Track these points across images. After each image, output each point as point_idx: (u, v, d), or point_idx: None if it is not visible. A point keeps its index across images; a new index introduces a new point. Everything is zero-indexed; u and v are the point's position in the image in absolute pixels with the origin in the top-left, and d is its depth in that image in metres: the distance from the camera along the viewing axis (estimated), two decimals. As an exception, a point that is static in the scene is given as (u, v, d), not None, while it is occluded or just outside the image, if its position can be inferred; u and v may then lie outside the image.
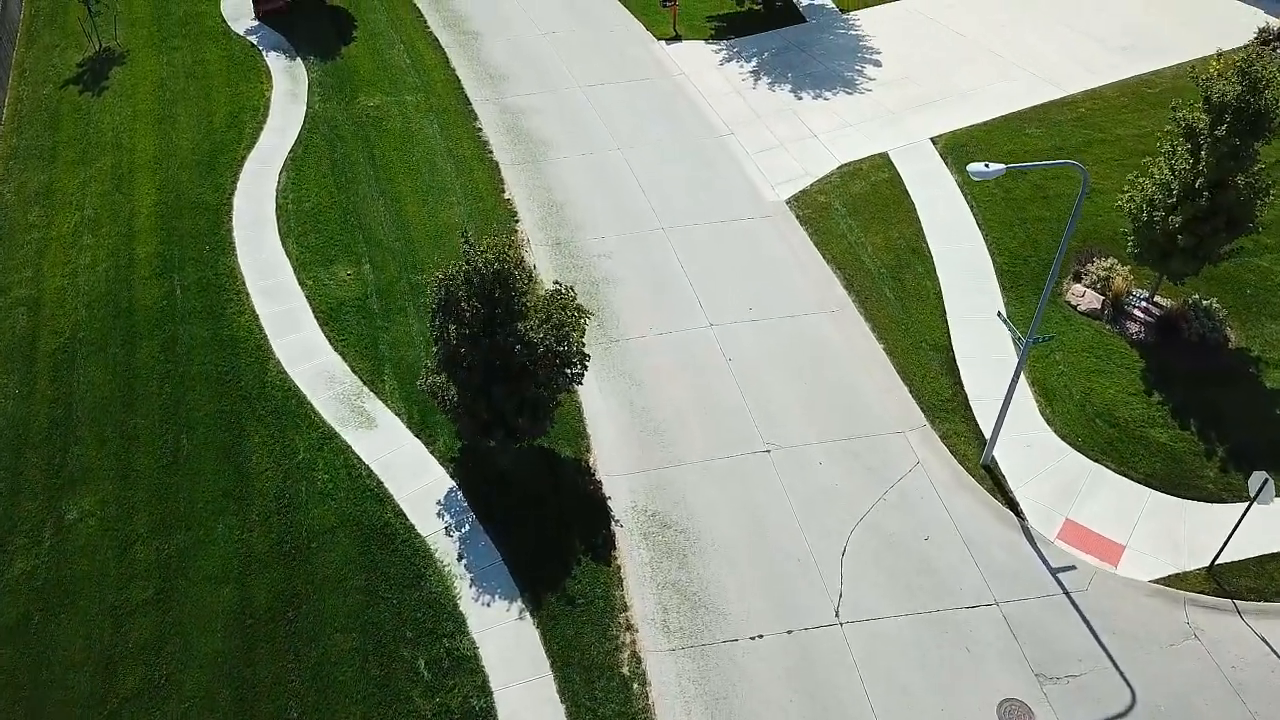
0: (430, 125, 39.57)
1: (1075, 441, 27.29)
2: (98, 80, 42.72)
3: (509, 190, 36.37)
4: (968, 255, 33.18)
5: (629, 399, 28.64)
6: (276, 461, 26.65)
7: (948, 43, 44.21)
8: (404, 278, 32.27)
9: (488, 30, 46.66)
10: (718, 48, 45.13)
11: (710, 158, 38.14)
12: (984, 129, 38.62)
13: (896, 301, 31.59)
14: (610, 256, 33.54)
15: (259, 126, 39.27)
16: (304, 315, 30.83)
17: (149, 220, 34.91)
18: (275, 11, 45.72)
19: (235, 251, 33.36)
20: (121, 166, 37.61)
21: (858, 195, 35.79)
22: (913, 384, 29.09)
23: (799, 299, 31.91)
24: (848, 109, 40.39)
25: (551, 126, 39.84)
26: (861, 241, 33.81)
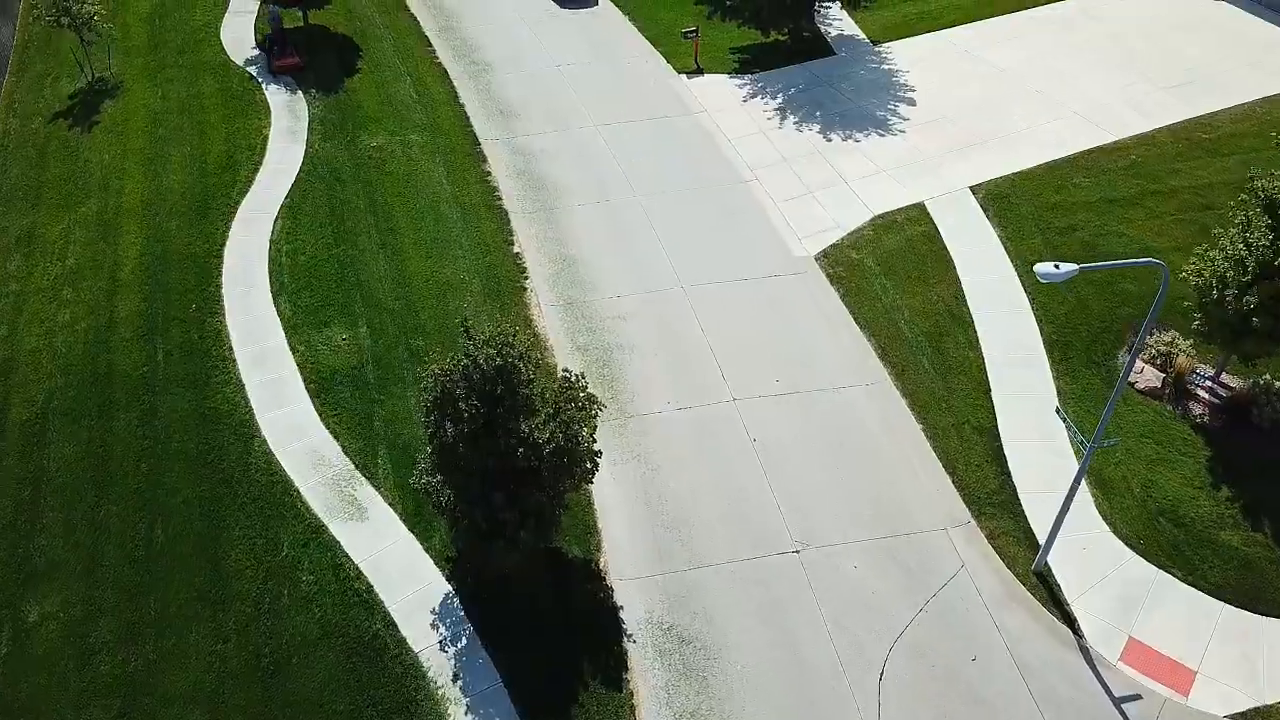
0: (436, 168, 37.17)
1: (1136, 544, 24.67)
2: (88, 114, 40.51)
3: (518, 242, 33.94)
4: (1012, 322, 30.59)
5: (644, 486, 26.16)
6: (258, 558, 24.25)
7: (986, 79, 41.61)
8: (403, 342, 29.86)
9: (499, 61, 44.28)
10: (741, 82, 42.64)
11: (734, 206, 35.65)
12: (1027, 177, 36.04)
13: (936, 375, 29.02)
14: (626, 319, 31.07)
15: (255, 168, 36.96)
16: (294, 386, 28.45)
17: (134, 273, 32.60)
18: (291, 68, 42.47)
19: (224, 311, 31.03)
20: (108, 211, 35.34)
21: (893, 251, 33.22)
22: (955, 472, 26.50)
23: (830, 370, 29.37)
24: (880, 152, 37.83)
25: (565, 170, 37.42)
26: (897, 304, 31.25)
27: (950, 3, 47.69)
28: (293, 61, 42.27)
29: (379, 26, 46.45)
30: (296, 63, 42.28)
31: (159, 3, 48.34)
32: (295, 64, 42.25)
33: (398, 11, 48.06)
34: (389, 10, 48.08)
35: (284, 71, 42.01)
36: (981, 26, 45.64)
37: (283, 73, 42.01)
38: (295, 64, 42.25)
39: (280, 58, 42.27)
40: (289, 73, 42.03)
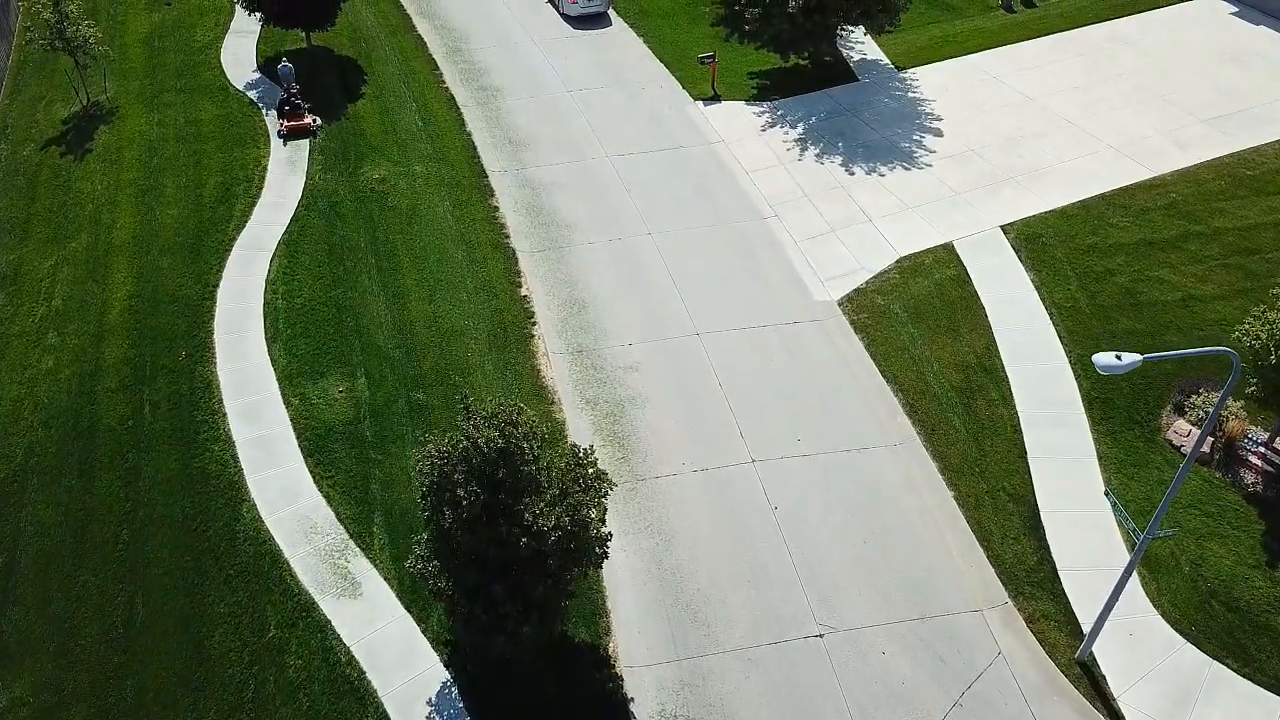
0: (441, 202, 35.52)
1: (1187, 630, 22.86)
2: (82, 141, 38.98)
3: (526, 284, 32.27)
4: (1048, 377, 28.80)
5: (657, 560, 24.45)
6: (243, 639, 22.60)
7: (1016, 108, 39.80)
8: (403, 395, 28.21)
9: (509, 86, 42.64)
10: (760, 110, 40.92)
11: (752, 245, 33.92)
12: (1061, 216, 34.23)
13: (968, 435, 27.23)
14: (638, 369, 29.37)
15: (252, 201, 35.37)
16: (287, 443, 26.82)
17: (122, 316, 31.02)
18: (301, 131, 39.03)
19: (215, 359, 29.42)
20: (98, 247, 33.77)
21: (920, 297, 31.45)
22: (990, 545, 24.74)
23: (855, 428, 27.63)
24: (906, 188, 36.06)
25: (576, 205, 35.73)
26: (926, 356, 29.47)
27: (975, 27, 45.92)
28: (304, 124, 38.89)
29: (385, 48, 44.85)
30: (307, 125, 38.90)
31: (159, 22, 46.79)
32: (305, 126, 38.88)
33: (405, 32, 46.49)
34: (395, 31, 46.50)
35: (294, 135, 38.71)
36: (1008, 52, 43.84)
37: (293, 136, 38.69)
38: (305, 126, 38.88)
39: (291, 118, 38.98)
40: (299, 136, 38.74)
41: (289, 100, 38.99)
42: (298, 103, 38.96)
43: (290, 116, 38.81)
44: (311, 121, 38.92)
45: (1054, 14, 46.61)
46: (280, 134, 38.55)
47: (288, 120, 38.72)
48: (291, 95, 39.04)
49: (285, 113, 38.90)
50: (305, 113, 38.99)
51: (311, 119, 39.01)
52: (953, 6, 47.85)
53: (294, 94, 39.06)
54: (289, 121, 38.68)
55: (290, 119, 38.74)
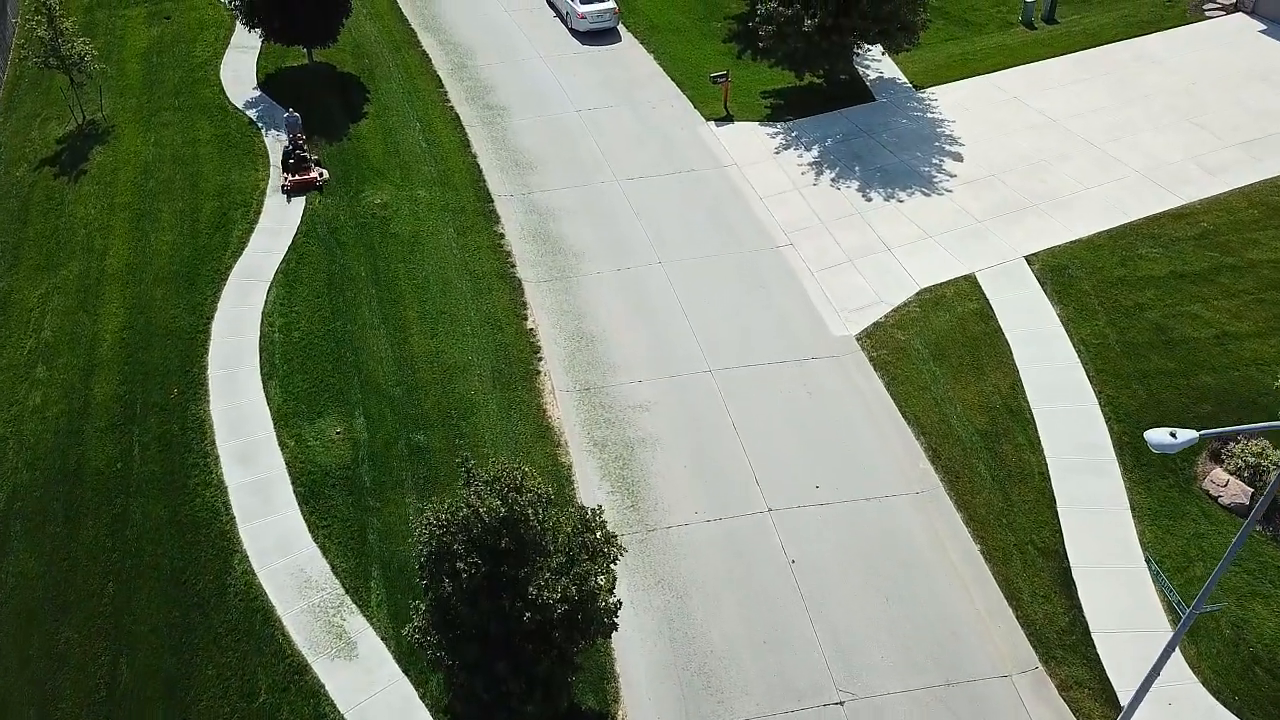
0: (445, 229, 34.34)
1: (1230, 699, 21.63)
2: (76, 162, 37.86)
3: (533, 317, 31.08)
4: (1077, 419, 27.52)
5: (669, 619, 23.26)
6: (231, 705, 21.46)
7: (1037, 130, 38.55)
8: (403, 437, 27.02)
9: (516, 104, 41.45)
10: (774, 131, 39.67)
11: (767, 275, 32.69)
12: (1087, 246, 32.95)
13: (994, 483, 25.96)
14: (649, 409, 28.15)
15: (249, 227, 34.21)
16: (281, 489, 25.64)
17: (113, 349, 29.87)
18: (306, 187, 36.08)
19: (208, 396, 28.25)
20: (90, 275, 32.62)
21: (942, 332, 30.18)
22: (1019, 604, 23.49)
23: (876, 474, 26.39)
24: (926, 215, 34.80)
25: (584, 232, 34.54)
26: (949, 396, 28.21)
27: (996, 44, 44.64)
28: (309, 179, 35.80)
29: (388, 65, 43.68)
30: (313, 180, 35.83)
31: (157, 37, 45.68)
32: (311, 181, 35.81)
33: (409, 48, 45.29)
34: (399, 47, 45.32)
35: (299, 191, 35.76)
36: (1030, 70, 42.55)
37: (298, 192, 35.76)
38: (311, 181, 35.81)
39: (296, 172, 35.88)
40: (304, 192, 35.83)
41: (295, 152, 36.10)
42: (304, 154, 36.14)
43: (296, 170, 35.93)
44: (318, 176, 35.99)
45: (1076, 31, 45.30)
46: (284, 189, 35.62)
47: (293, 175, 35.78)
48: (298, 147, 36.25)
49: (290, 166, 35.98)
50: (312, 166, 36.20)
51: (318, 173, 36.10)
52: (971, 22, 46.58)
53: (301, 145, 36.33)
54: (294, 176, 35.72)
55: (296, 173, 35.84)
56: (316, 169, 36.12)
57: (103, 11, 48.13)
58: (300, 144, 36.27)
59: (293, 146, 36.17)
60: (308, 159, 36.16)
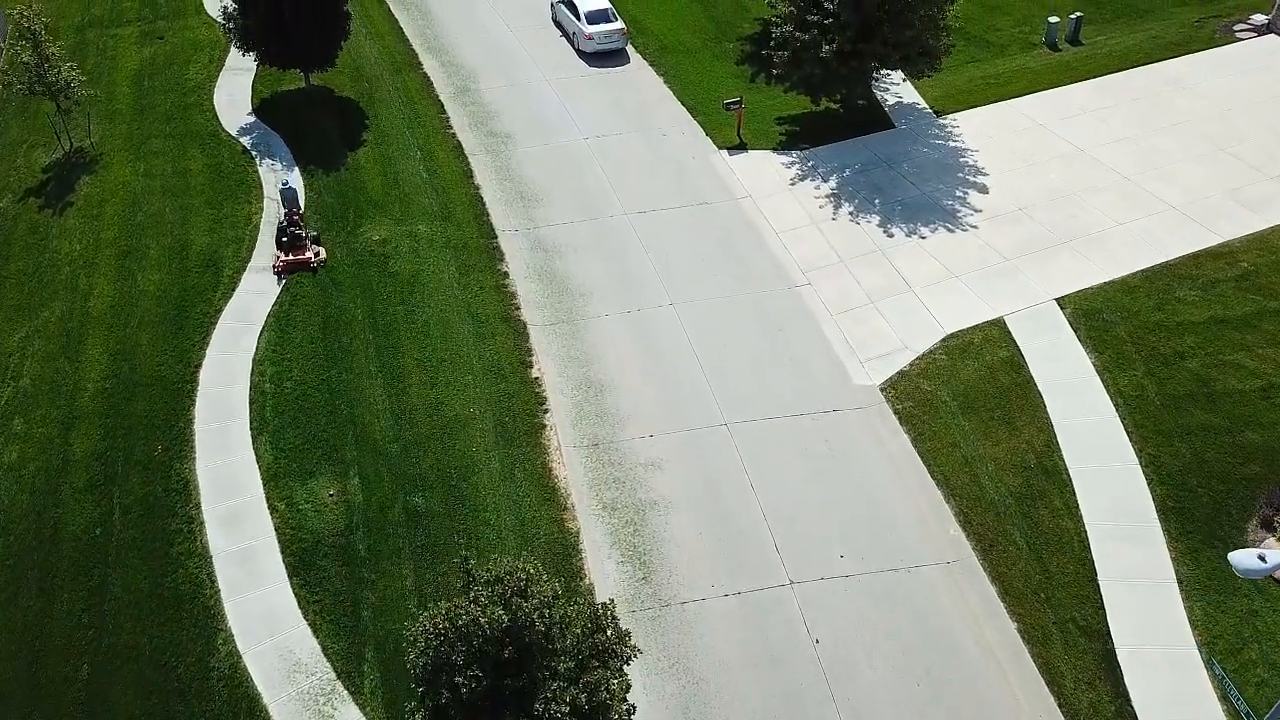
0: (446, 267, 32.71)
1: (1293, 804, 19.70)
2: (63, 193, 36.29)
3: (537, 364, 29.46)
4: (1116, 480, 25.87)
5: (684, 706, 21.69)
6: (212, 809, 19.71)
7: (1064, 161, 36.90)
8: (400, 500, 25.40)
9: (521, 131, 39.80)
10: (789, 160, 38.02)
11: (784, 318, 31.07)
12: (1121, 288, 31.25)
13: (1029, 552, 24.30)
14: (661, 467, 26.52)
15: (241, 266, 32.62)
16: (270, 558, 24.08)
17: (95, 400, 28.29)
18: (300, 268, 32.42)
19: (194, 453, 26.66)
20: (73, 318, 31.03)
21: (970, 382, 28.52)
22: (1061, 691, 21.89)
23: (904, 542, 24.78)
24: (950, 252, 33.14)
25: (592, 271, 32.92)
26: (979, 454, 26.55)
27: (1019, 66, 42.97)
28: (303, 259, 32.11)
29: (389, 89, 42.03)
30: (307, 260, 32.12)
31: (150, 58, 44.13)
32: (305, 262, 32.10)
33: (410, 71, 43.67)
34: (400, 69, 43.71)
35: (291, 271, 32.08)
36: (1055, 96, 40.86)
37: (290, 272, 32.08)
38: (305, 262, 32.10)
39: (290, 251, 32.21)
40: (298, 271, 32.19)
41: (290, 228, 32.48)
42: (299, 232, 32.50)
43: (290, 249, 32.18)
44: (313, 255, 32.27)
45: (1101, 53, 43.62)
46: (276, 270, 32.02)
47: (286, 254, 32.08)
48: (294, 222, 32.69)
49: (284, 244, 32.24)
50: (308, 245, 32.48)
51: (314, 252, 32.42)
52: (992, 43, 44.92)
53: (297, 220, 32.82)
54: (286, 256, 32.03)
55: (289, 252, 32.12)
56: (313, 247, 32.61)
57: (94, 31, 46.60)
58: (295, 219, 32.78)
59: (287, 222, 32.56)
60: (303, 237, 32.51)
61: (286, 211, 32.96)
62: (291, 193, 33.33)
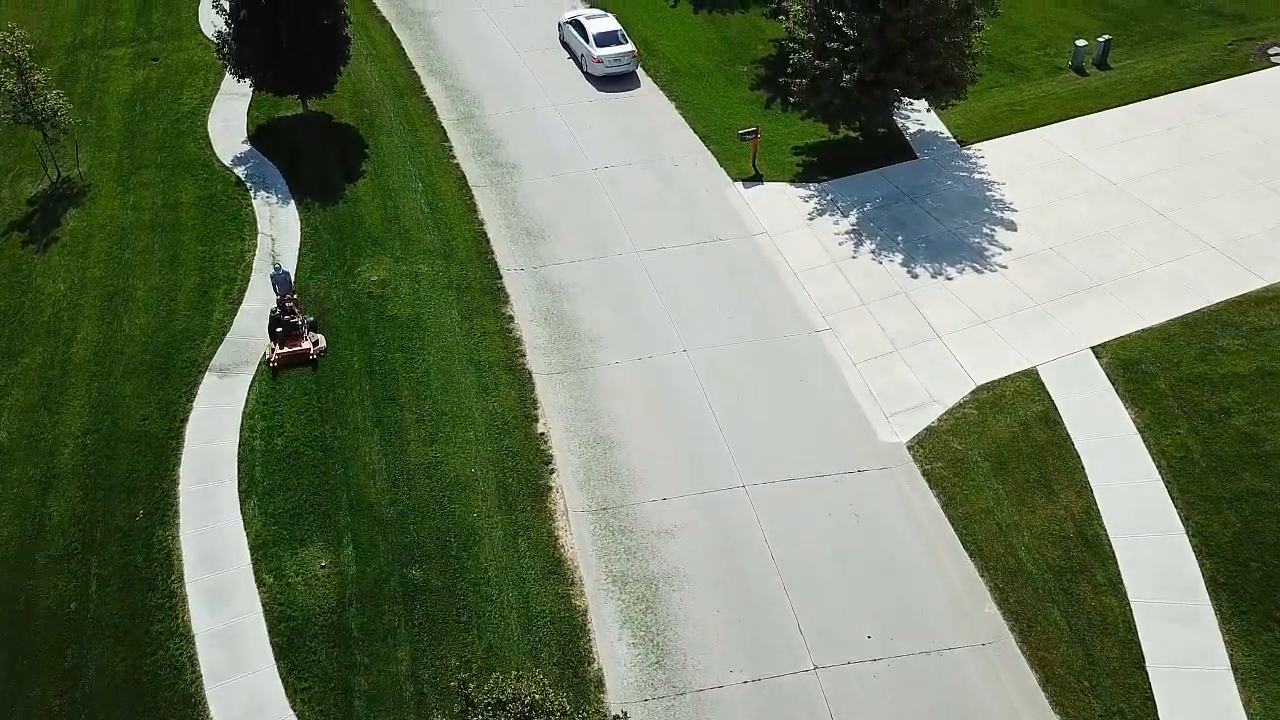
0: (448, 311, 31.09)
1: None
2: (48, 227, 34.73)
3: (543, 417, 27.79)
4: (1162, 552, 24.17)
5: (702, 811, 19.78)
6: None
7: (1095, 196, 35.19)
8: (396, 572, 23.80)
9: (527, 161, 38.16)
10: (807, 193, 36.33)
11: (804, 367, 29.41)
12: (1160, 336, 29.52)
13: (1072, 634, 22.61)
14: (675, 535, 24.86)
15: (232, 308, 31.04)
16: (256, 637, 22.51)
17: (74, 458, 26.71)
18: (296, 361, 29.15)
19: (178, 518, 25.09)
20: (54, 366, 29.45)
21: (1003, 440, 26.82)
22: (1110, 795, 19.97)
23: (935, 620, 23.13)
24: (978, 295, 31.45)
25: (601, 314, 31.28)
26: (1015, 522, 24.85)
27: (1045, 92, 41.25)
28: (300, 351, 28.92)
29: (390, 115, 40.43)
30: (304, 352, 28.91)
31: (143, 82, 42.56)
32: (303, 354, 28.92)
33: (412, 95, 42.04)
34: (402, 93, 42.08)
35: (287, 365, 28.85)
36: (1083, 125, 39.13)
37: (286, 367, 28.89)
38: (303, 354, 28.92)
39: (286, 343, 28.99)
40: (295, 365, 28.95)
41: (284, 317, 29.11)
42: (294, 320, 29.20)
43: (285, 340, 28.96)
44: (311, 347, 29.04)
45: (1130, 78, 41.87)
46: (270, 364, 28.77)
47: (280, 346, 28.85)
48: (288, 310, 29.30)
49: (278, 335, 28.93)
50: (305, 333, 29.20)
51: (312, 342, 29.11)
52: (1017, 67, 43.20)
53: (291, 307, 29.43)
54: (282, 349, 28.79)
55: (285, 344, 28.90)
56: (311, 335, 29.28)
57: (86, 52, 45.06)
58: (290, 306, 29.43)
59: (280, 310, 29.21)
60: (299, 324, 29.21)
61: (280, 298, 29.47)
62: (285, 277, 29.92)
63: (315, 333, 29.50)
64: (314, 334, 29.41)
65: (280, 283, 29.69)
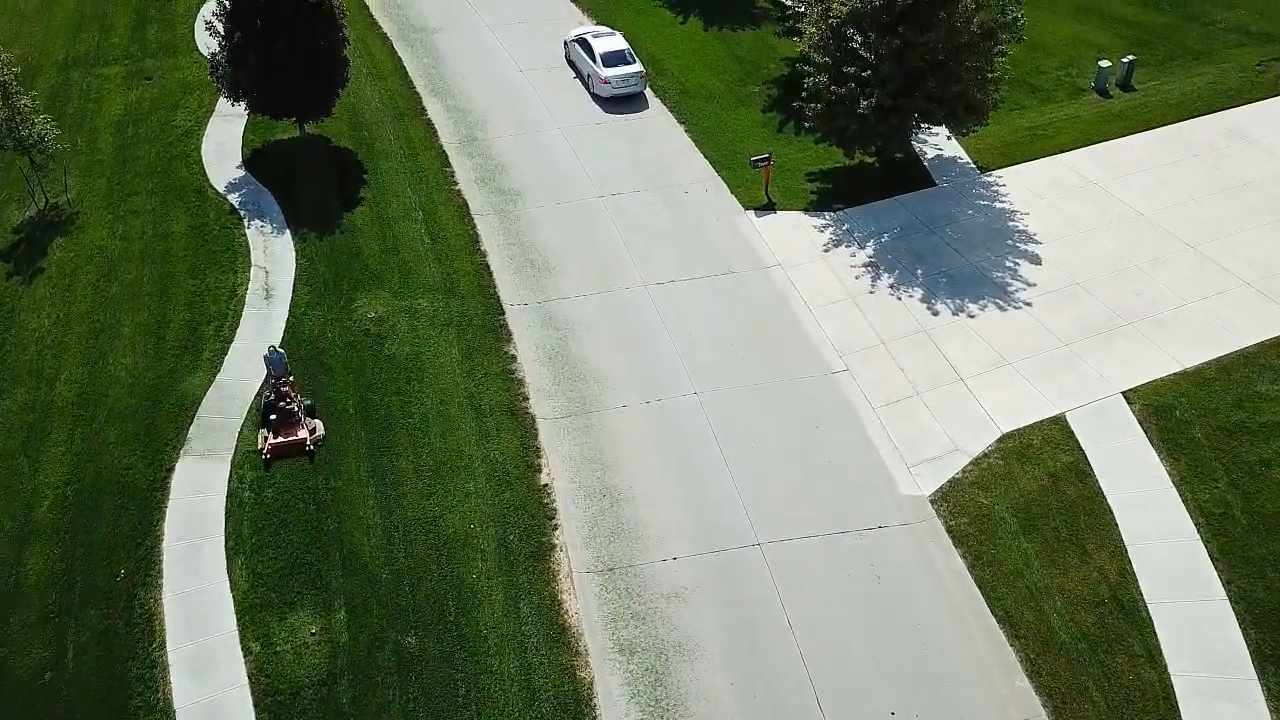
0: (448, 350, 29.78)
1: None
2: (33, 257, 33.43)
3: (547, 467, 26.44)
4: (1203, 620, 22.82)
5: None
6: None
7: (1123, 226, 33.86)
8: (390, 639, 22.50)
9: (531, 188, 36.84)
10: (822, 223, 34.96)
11: (821, 411, 28.07)
12: (1194, 380, 28.17)
13: (1109, 711, 21.35)
14: (686, 599, 23.51)
15: (223, 347, 29.77)
16: (240, 713, 21.02)
17: (53, 511, 25.47)
18: (292, 450, 26.57)
19: (161, 578, 23.83)
20: (36, 408, 28.18)
21: (1031, 495, 25.45)
22: None
23: (964, 695, 21.82)
24: (1001, 334, 30.10)
25: (607, 352, 29.98)
26: (1046, 586, 23.48)
27: (1069, 115, 39.89)
28: (296, 440, 26.27)
29: (390, 139, 39.10)
30: (300, 442, 26.28)
31: (135, 103, 41.28)
32: (299, 444, 26.31)
33: (413, 117, 40.71)
34: (403, 115, 40.76)
35: (282, 456, 26.30)
36: (1106, 151, 37.76)
37: (280, 457, 26.32)
38: (299, 444, 26.31)
39: (281, 431, 26.29)
40: (290, 456, 26.39)
41: (278, 403, 26.38)
42: (290, 407, 26.39)
43: (281, 428, 26.20)
44: (308, 434, 26.30)
45: (1155, 101, 40.48)
46: (263, 455, 26.13)
47: (274, 435, 26.12)
48: (282, 395, 26.57)
49: (272, 423, 26.16)
50: (301, 421, 26.49)
51: (309, 428, 26.46)
52: (1038, 88, 41.83)
53: (287, 392, 26.67)
54: (275, 438, 26.08)
55: (278, 432, 26.16)
56: (309, 422, 26.62)
57: (78, 70, 43.77)
58: (286, 391, 26.67)
59: (275, 395, 26.50)
60: (295, 411, 26.41)
61: (275, 380, 26.82)
62: (280, 359, 27.10)
63: (313, 418, 26.71)
64: (311, 420, 26.63)
65: (275, 365, 26.92)
